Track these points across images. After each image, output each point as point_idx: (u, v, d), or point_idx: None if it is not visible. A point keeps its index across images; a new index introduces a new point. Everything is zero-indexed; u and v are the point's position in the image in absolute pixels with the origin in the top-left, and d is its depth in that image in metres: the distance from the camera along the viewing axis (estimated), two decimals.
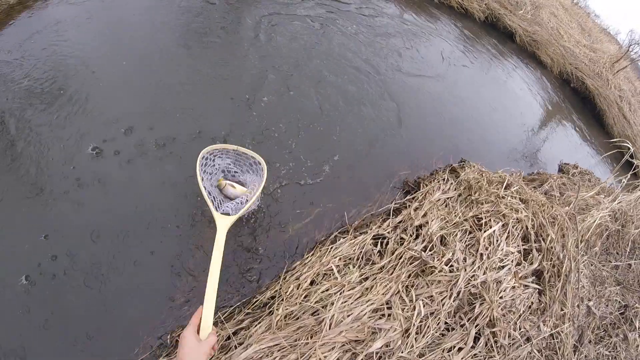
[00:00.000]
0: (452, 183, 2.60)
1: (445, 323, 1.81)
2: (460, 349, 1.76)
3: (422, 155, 3.12)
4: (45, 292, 1.66)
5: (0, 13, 2.79)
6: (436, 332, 1.75)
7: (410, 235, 2.15)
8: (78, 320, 1.63)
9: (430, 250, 2.01)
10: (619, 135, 5.79)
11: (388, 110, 3.41)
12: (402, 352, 1.65)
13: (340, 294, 1.84)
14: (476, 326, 1.83)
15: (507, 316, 1.95)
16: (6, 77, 2.36)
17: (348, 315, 1.69)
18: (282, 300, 1.81)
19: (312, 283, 1.93)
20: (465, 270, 1.91)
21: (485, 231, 2.11)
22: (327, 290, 1.86)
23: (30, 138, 2.12)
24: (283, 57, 3.37)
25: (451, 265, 1.92)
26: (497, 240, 2.09)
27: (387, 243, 2.15)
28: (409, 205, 2.42)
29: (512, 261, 2.09)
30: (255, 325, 1.70)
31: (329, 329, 1.63)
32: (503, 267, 2.03)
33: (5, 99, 2.24)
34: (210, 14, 3.54)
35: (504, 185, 2.47)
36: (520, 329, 1.98)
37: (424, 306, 1.79)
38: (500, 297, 1.95)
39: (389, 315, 1.76)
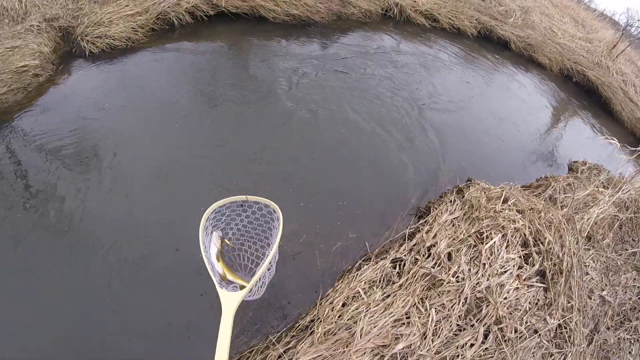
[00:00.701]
0: (458, 204, 3.01)
1: (457, 325, 2.21)
2: (472, 345, 2.16)
3: (432, 180, 3.55)
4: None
5: (32, 90, 3.48)
6: (449, 333, 2.16)
7: (423, 255, 2.58)
8: None
9: (439, 266, 2.43)
10: (629, 120, 5.98)
11: (400, 141, 3.86)
12: (421, 351, 2.07)
13: (367, 310, 2.27)
14: (484, 325, 2.22)
15: (513, 314, 2.34)
16: (45, 142, 2.99)
17: (374, 327, 2.13)
18: (320, 321, 2.26)
19: (343, 305, 2.37)
20: (470, 279, 2.32)
21: (486, 243, 2.51)
22: (356, 309, 2.29)
23: (67, 195, 2.67)
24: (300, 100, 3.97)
25: (457, 276, 2.34)
26: (498, 250, 2.49)
27: (404, 264, 2.58)
28: (422, 229, 2.85)
29: (514, 266, 2.48)
30: (301, 344, 2.15)
31: (360, 338, 2.07)
32: (505, 272, 2.42)
33: (45, 160, 2.86)
34: (223, 73, 4.16)
35: (502, 200, 2.87)
36: (526, 323, 2.35)
37: (437, 313, 2.21)
38: (505, 298, 2.34)
39: (408, 323, 2.19)
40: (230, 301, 1.50)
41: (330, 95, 4.20)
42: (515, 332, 2.29)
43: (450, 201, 3.00)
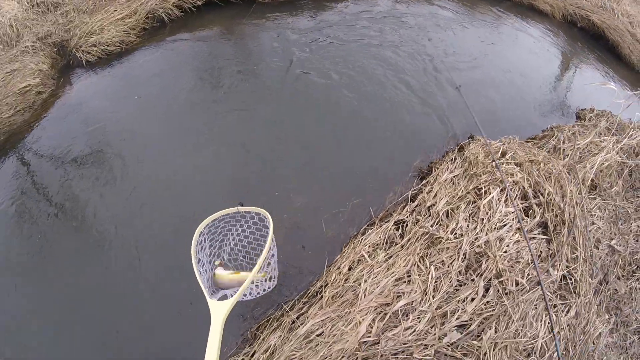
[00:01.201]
0: (458, 161, 3.02)
1: (458, 280, 2.26)
2: (472, 299, 2.21)
3: (436, 140, 3.54)
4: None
5: (38, 107, 3.64)
6: (450, 288, 2.22)
7: (424, 215, 2.63)
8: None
9: (438, 224, 2.48)
10: (639, 63, 5.72)
11: (406, 102, 3.85)
12: (422, 307, 2.15)
13: (371, 272, 2.36)
14: (484, 279, 2.27)
15: (514, 267, 2.36)
16: (55, 150, 3.16)
17: (377, 287, 2.21)
18: (328, 286, 2.38)
19: (349, 269, 2.47)
20: (469, 235, 2.35)
21: (484, 199, 2.53)
22: (361, 271, 2.38)
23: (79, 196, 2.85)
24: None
25: (456, 233, 2.38)
26: (496, 205, 2.50)
27: (407, 225, 2.64)
28: (423, 190, 2.89)
29: (513, 219, 2.49)
30: (311, 309, 2.27)
31: (363, 298, 2.16)
32: (504, 225, 2.44)
33: (54, 167, 3.04)
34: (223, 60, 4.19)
35: (500, 154, 2.86)
36: (528, 276, 2.38)
37: (436, 270, 2.26)
38: (505, 252, 2.36)
39: (409, 281, 2.26)
40: (218, 310, 1.49)
41: (332, 63, 4.20)
42: (517, 285, 2.33)
43: (451, 160, 3.02)
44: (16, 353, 2.15)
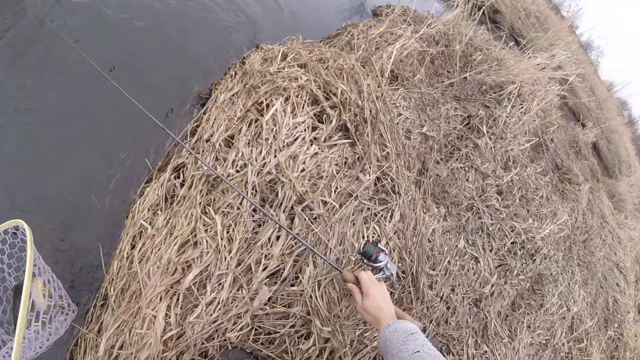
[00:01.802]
0: (238, 76, 2.56)
1: (254, 222, 1.89)
2: (277, 237, 1.88)
3: (216, 57, 2.90)
4: None
5: None
6: (247, 234, 1.83)
7: (203, 151, 2.13)
8: None
9: (216, 160, 2.02)
10: None
11: (171, 21, 3.04)
12: (219, 271, 1.73)
13: (153, 245, 1.83)
14: (285, 210, 1.94)
15: (317, 184, 2.09)
16: None
17: (160, 263, 1.70)
18: (113, 280, 1.80)
19: (133, 248, 1.89)
20: (253, 162, 1.96)
21: (267, 113, 2.13)
22: (143, 247, 1.85)
23: None
24: None
25: (237, 164, 1.96)
26: (282, 117, 2.14)
27: (187, 169, 2.11)
28: (203, 119, 2.37)
29: (305, 130, 2.18)
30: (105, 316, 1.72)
31: (148, 283, 1.66)
32: (295, 140, 2.11)
33: None
34: None
35: (279, 58, 2.48)
36: (336, 190, 2.15)
37: (225, 217, 1.84)
38: (302, 171, 2.06)
39: (196, 242, 1.79)
40: None
41: None
42: (325, 205, 2.08)
43: (231, 76, 2.53)
44: None
